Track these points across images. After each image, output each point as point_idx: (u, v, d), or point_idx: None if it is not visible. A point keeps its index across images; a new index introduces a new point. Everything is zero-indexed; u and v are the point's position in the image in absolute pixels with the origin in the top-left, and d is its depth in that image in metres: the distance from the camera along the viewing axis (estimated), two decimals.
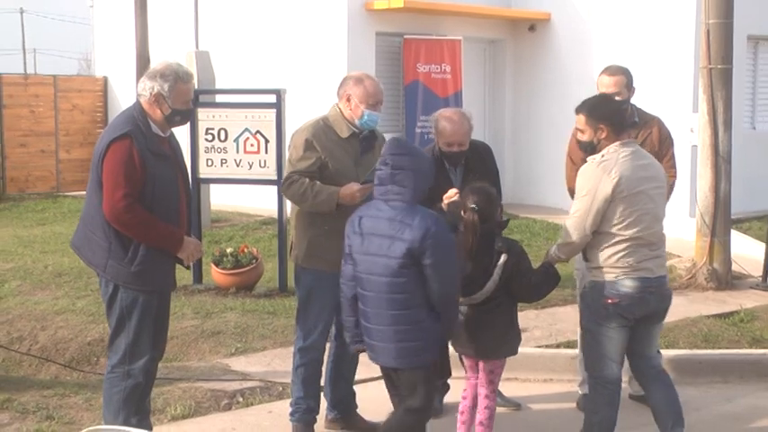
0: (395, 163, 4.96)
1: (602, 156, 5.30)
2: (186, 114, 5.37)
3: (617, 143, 5.32)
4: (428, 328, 4.95)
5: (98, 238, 5.19)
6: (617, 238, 5.26)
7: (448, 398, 6.56)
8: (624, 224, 5.25)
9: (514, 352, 5.64)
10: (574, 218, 5.31)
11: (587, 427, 5.56)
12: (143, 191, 5.08)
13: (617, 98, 6.41)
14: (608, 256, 5.29)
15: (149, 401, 5.58)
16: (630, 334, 5.45)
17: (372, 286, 4.97)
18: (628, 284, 5.28)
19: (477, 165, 6.21)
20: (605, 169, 5.24)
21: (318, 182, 5.61)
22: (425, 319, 4.94)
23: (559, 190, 7.18)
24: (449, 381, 6.60)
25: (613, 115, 5.40)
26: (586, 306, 5.48)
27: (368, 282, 4.98)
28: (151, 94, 5.19)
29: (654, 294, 5.37)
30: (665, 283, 5.49)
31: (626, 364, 6.75)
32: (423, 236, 4.82)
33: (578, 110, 5.47)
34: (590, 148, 5.41)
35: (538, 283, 5.45)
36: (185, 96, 5.27)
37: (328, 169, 5.65)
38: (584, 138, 5.42)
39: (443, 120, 6.17)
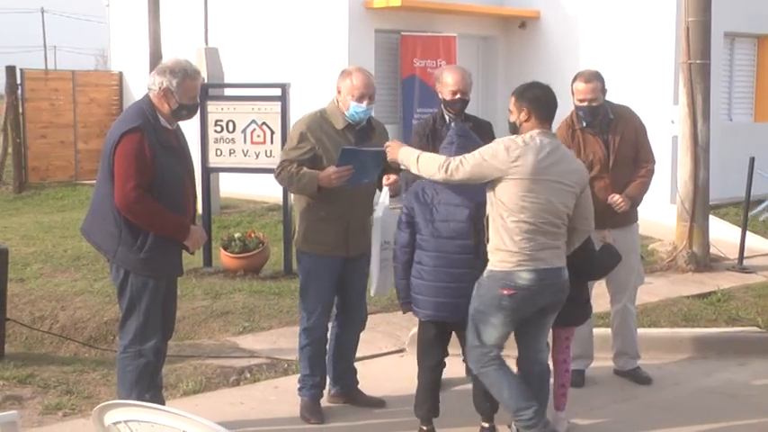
0: (460, 143, 5.29)
1: (523, 140, 5.02)
2: (192, 109, 5.31)
3: (538, 130, 5.07)
4: None
5: (108, 226, 5.15)
6: (510, 222, 4.95)
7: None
8: (516, 208, 4.93)
9: (586, 319, 5.85)
10: (459, 158, 5.05)
11: (507, 406, 5.19)
12: (152, 182, 5.05)
13: (593, 104, 6.37)
14: (504, 239, 4.98)
15: (161, 378, 5.57)
16: (519, 326, 5.18)
17: (441, 249, 5.23)
18: (525, 277, 4.95)
19: (477, 126, 6.30)
20: (511, 150, 4.97)
21: (305, 168, 5.60)
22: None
23: None
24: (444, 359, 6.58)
25: (537, 101, 5.13)
26: (479, 295, 5.10)
27: (433, 245, 5.24)
28: (160, 88, 5.13)
29: (550, 287, 5.04)
30: (561, 275, 5.08)
31: (610, 341, 6.77)
32: (479, 204, 5.17)
33: (513, 92, 5.35)
34: (513, 129, 5.28)
35: (599, 259, 5.64)
36: (192, 92, 5.22)
37: (323, 161, 5.63)
38: (511, 118, 5.25)
39: (447, 71, 6.36)
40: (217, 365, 6.77)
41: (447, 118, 6.35)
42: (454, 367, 6.41)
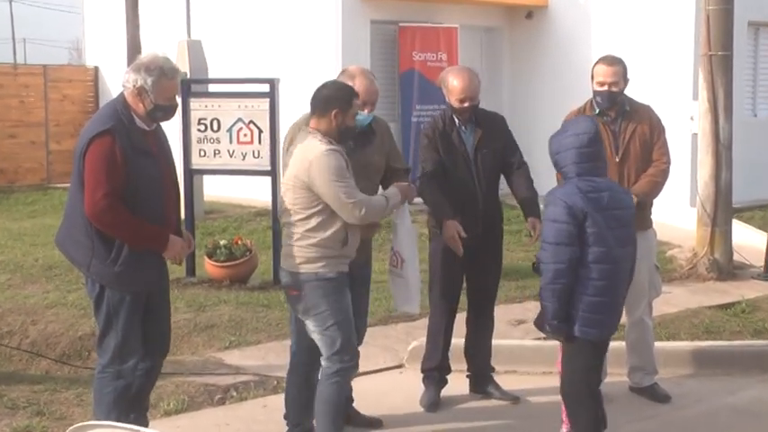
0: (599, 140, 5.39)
1: None
2: (169, 110, 5.26)
3: None
4: None
5: (81, 237, 5.13)
6: None
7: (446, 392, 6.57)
8: None
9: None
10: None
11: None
12: (126, 189, 5.02)
13: (614, 89, 6.39)
14: None
15: (148, 399, 5.54)
16: None
17: (618, 259, 5.17)
18: None
19: (488, 126, 6.39)
20: None
21: None
22: None
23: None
24: (446, 376, 6.59)
25: (311, 97, 5.39)
26: None
27: (611, 256, 5.13)
28: (134, 86, 5.11)
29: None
30: (287, 279, 5.40)
31: (624, 355, 6.76)
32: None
33: None
34: None
35: None
36: (169, 92, 5.19)
37: None
38: None
39: (452, 75, 6.35)
40: (200, 383, 6.76)
41: (457, 121, 6.35)
42: (457, 383, 6.41)
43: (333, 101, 5.32)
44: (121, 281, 5.11)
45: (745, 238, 11.24)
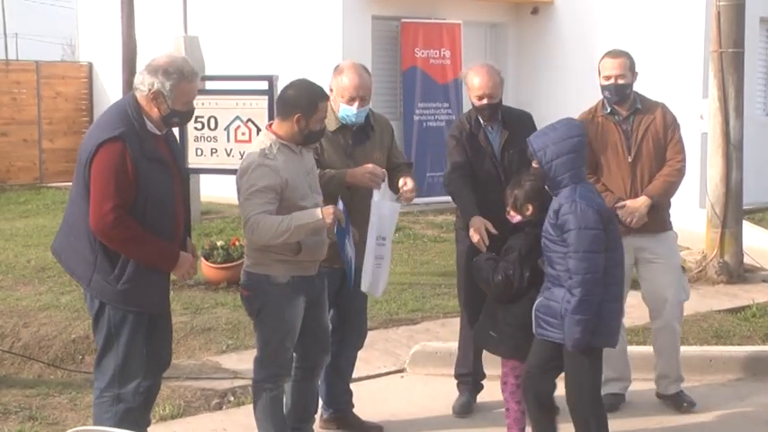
0: None
1: None
2: (185, 116, 5.07)
3: None
4: None
5: (83, 249, 4.88)
6: None
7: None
8: None
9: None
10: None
11: None
12: (135, 201, 4.78)
13: (620, 81, 6.39)
14: None
15: (150, 414, 5.49)
16: None
17: (621, 264, 5.31)
18: None
19: (515, 126, 6.34)
20: None
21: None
22: None
23: None
24: (481, 381, 6.60)
25: (277, 98, 5.42)
26: None
27: (622, 259, 5.32)
28: (150, 90, 4.83)
29: None
30: (243, 278, 5.44)
31: (653, 363, 6.73)
32: None
33: None
34: None
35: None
36: (187, 96, 4.95)
37: (320, 164, 5.65)
38: None
39: (472, 73, 6.32)
40: (197, 388, 6.78)
41: (482, 121, 6.33)
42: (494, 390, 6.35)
43: (296, 105, 5.22)
44: (125, 299, 4.87)
45: (755, 240, 11.25)
